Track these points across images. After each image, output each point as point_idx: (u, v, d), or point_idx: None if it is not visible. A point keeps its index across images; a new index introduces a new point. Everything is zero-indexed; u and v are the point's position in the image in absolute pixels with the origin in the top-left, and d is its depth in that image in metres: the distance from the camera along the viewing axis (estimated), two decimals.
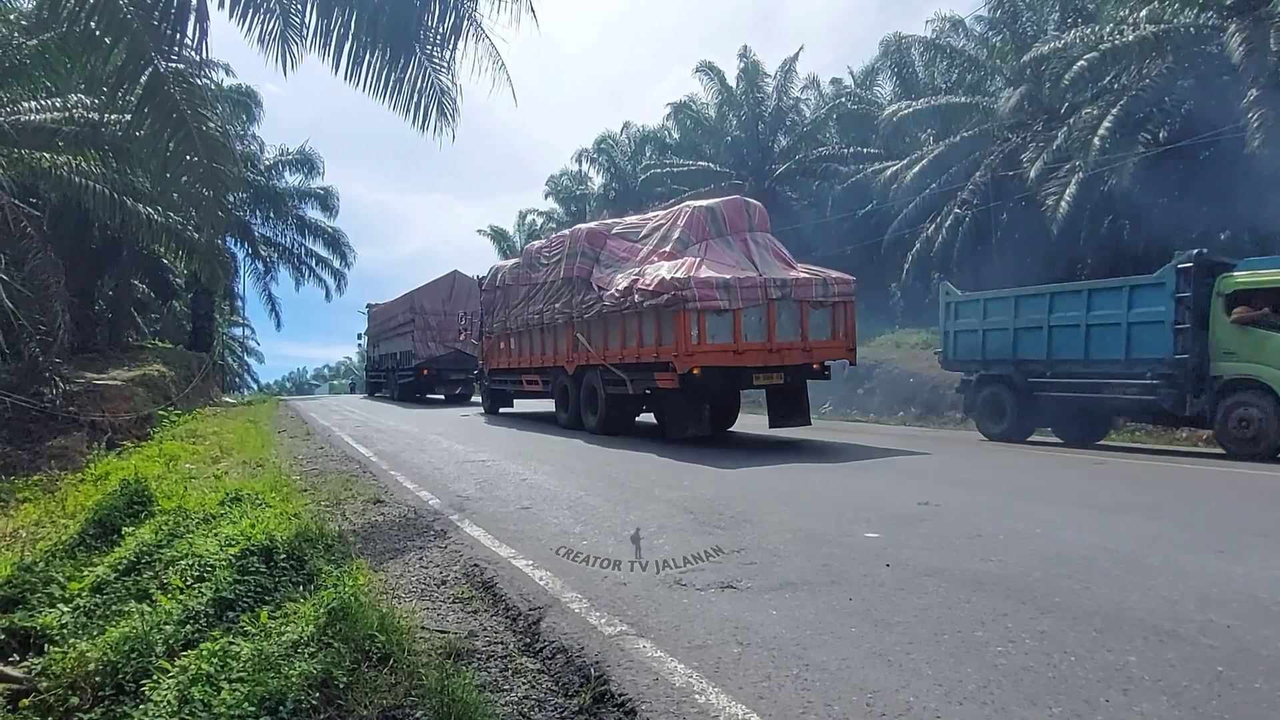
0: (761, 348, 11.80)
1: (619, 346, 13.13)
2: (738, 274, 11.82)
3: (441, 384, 27.87)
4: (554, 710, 3.28)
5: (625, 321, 12.88)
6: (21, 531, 7.99)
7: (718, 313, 11.48)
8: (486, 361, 20.15)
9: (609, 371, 13.39)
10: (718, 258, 12.25)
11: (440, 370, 27.32)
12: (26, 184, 14.38)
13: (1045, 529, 5.93)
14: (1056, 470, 9.67)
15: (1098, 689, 3.13)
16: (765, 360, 11.84)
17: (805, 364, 12.23)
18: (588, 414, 14.31)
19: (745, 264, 12.30)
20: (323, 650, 3.62)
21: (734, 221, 12.93)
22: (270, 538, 5.23)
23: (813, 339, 12.18)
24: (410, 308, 28.10)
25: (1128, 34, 18.57)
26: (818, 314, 12.27)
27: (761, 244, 12.90)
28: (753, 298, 11.68)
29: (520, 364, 17.39)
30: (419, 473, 9.70)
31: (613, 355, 13.28)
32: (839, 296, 12.41)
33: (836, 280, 12.48)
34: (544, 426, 15.66)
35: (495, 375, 19.55)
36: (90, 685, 4.15)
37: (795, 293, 12.00)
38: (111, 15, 7.37)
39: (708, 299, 11.34)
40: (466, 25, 7.78)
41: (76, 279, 18.99)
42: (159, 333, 32.65)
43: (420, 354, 27.25)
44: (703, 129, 35.04)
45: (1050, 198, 19.43)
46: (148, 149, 9.30)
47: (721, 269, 11.88)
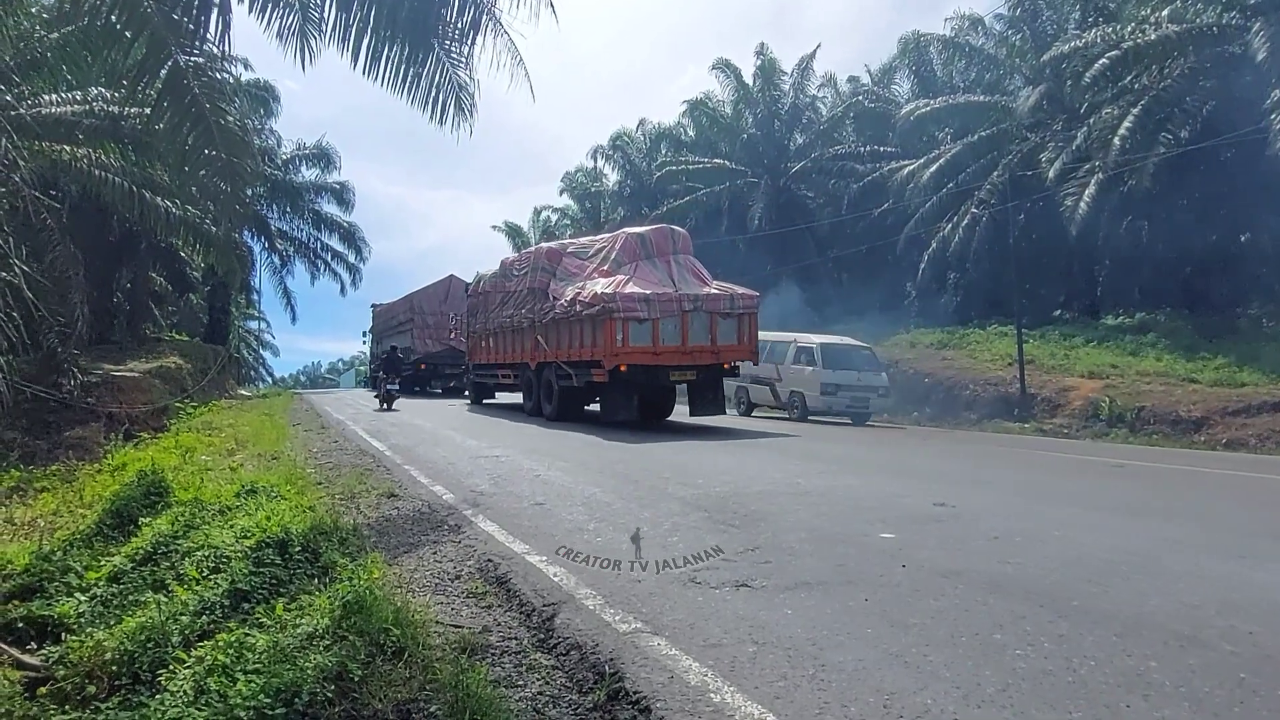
0: (676, 350, 14.23)
1: (567, 347, 15.48)
2: (658, 290, 14.35)
3: (437, 378, 29.93)
4: (568, 707, 3.27)
5: (571, 326, 15.27)
6: (40, 520, 8.06)
7: (639, 321, 13.90)
8: (471, 357, 22.51)
9: (560, 368, 15.77)
10: (644, 276, 14.78)
11: (436, 365, 29.38)
12: (47, 176, 14.48)
13: (1064, 531, 5.88)
14: (1074, 472, 9.59)
15: (1119, 694, 3.09)
16: (680, 360, 14.31)
17: (715, 364, 14.69)
18: (545, 403, 16.60)
19: (666, 281, 14.82)
20: (338, 643, 3.62)
21: (660, 246, 15.57)
22: (285, 530, 5.24)
23: (721, 343, 14.58)
24: (410, 308, 30.23)
25: (1149, 33, 18.40)
26: (726, 323, 14.63)
27: (682, 264, 15.46)
28: (669, 309, 14.14)
29: (496, 360, 19.78)
30: (433, 467, 9.72)
31: (563, 354, 15.64)
32: (743, 309, 14.79)
33: (742, 295, 14.92)
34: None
35: (478, 370, 21.81)
36: (107, 674, 4.17)
37: (706, 305, 14.44)
38: (132, 9, 7.41)
39: (630, 310, 13.79)
40: (485, 20, 7.78)
41: (95, 271, 19.12)
42: (176, 325, 32.91)
43: (419, 350, 29.17)
44: (719, 126, 34.98)
45: (1069, 198, 19.29)
46: (167, 142, 9.34)
47: (645, 286, 14.40)
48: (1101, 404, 16.04)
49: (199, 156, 8.48)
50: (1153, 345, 18.53)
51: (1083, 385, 17.27)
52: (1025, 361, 18.16)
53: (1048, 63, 21.58)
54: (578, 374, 15.19)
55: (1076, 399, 16.87)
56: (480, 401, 22.17)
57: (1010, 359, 19.02)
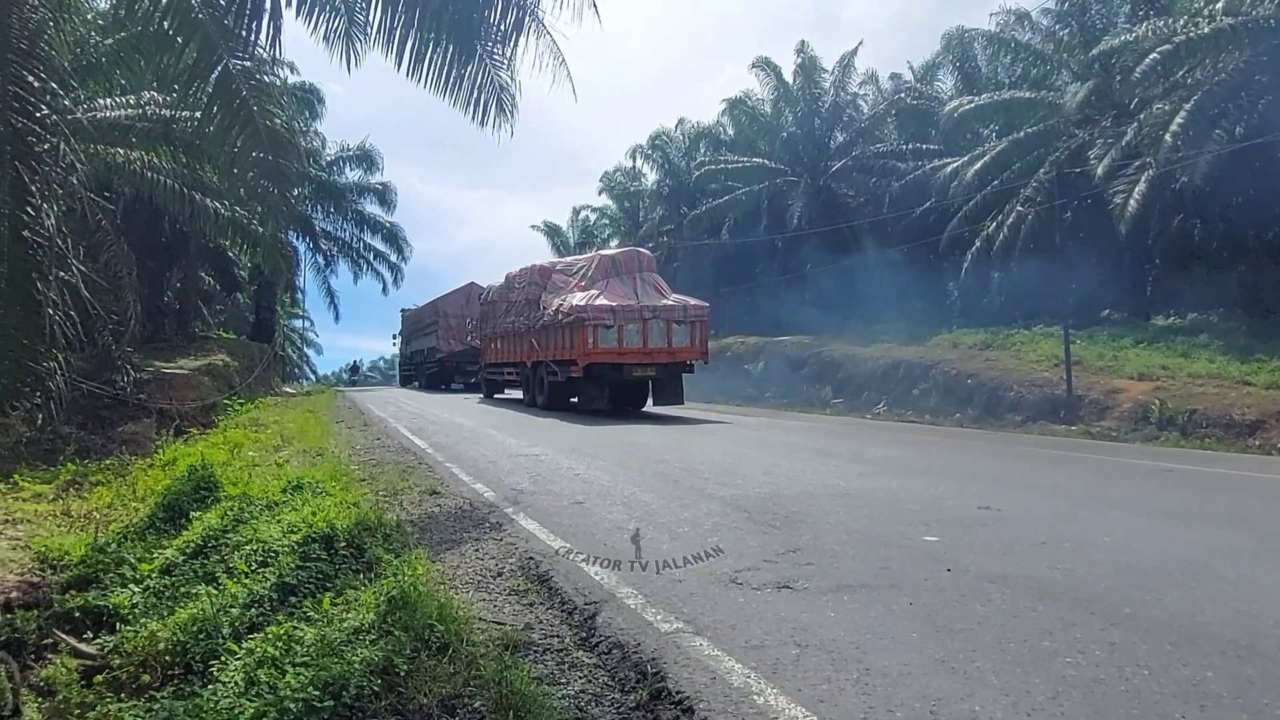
0: (638, 351, 17.35)
1: (554, 348, 18.62)
2: (623, 302, 17.47)
3: (460, 374, 32.96)
4: (611, 705, 3.28)
5: (556, 331, 18.40)
6: (95, 513, 8.27)
7: (606, 327, 17.04)
8: (483, 358, 26.30)
9: (550, 365, 19.05)
10: (613, 290, 17.91)
11: (459, 363, 32.52)
12: (102, 179, 14.86)
13: (1114, 536, 5.75)
14: (1123, 476, 9.38)
15: (1173, 704, 3.02)
16: (641, 359, 17.42)
17: (671, 362, 17.78)
18: (539, 395, 20.04)
19: (631, 295, 17.86)
20: (383, 638, 3.67)
21: (628, 265, 18.79)
22: (331, 525, 5.33)
23: (675, 345, 17.66)
24: (435, 312, 33.95)
25: (1203, 26, 17.89)
26: (680, 329, 17.72)
27: (646, 280, 18.62)
28: (632, 317, 17.26)
29: (503, 360, 23.39)
30: (474, 465, 9.81)
31: (550, 354, 18.90)
32: (695, 317, 17.97)
33: (694, 306, 18.12)
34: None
35: (489, 368, 25.59)
36: (160, 664, 4.28)
37: (663, 314, 17.55)
38: (184, 15, 7.59)
39: (598, 319, 16.99)
40: (528, 21, 7.83)
41: (147, 271, 19.61)
42: (223, 324, 33.60)
43: (443, 349, 32.80)
44: (758, 125, 34.77)
45: (1118, 195, 18.81)
46: (216, 145, 9.56)
47: (613, 298, 17.52)
48: (1151, 407, 15.60)
49: (247, 158, 8.65)
50: (1205, 347, 17.97)
51: (1132, 387, 16.81)
52: (1072, 363, 17.77)
53: (1096, 57, 21.08)
54: (561, 371, 18.48)
55: (1125, 401, 16.44)
56: (492, 395, 25.96)
57: (1056, 360, 18.59)
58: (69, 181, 11.65)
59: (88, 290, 11.70)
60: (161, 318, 23.44)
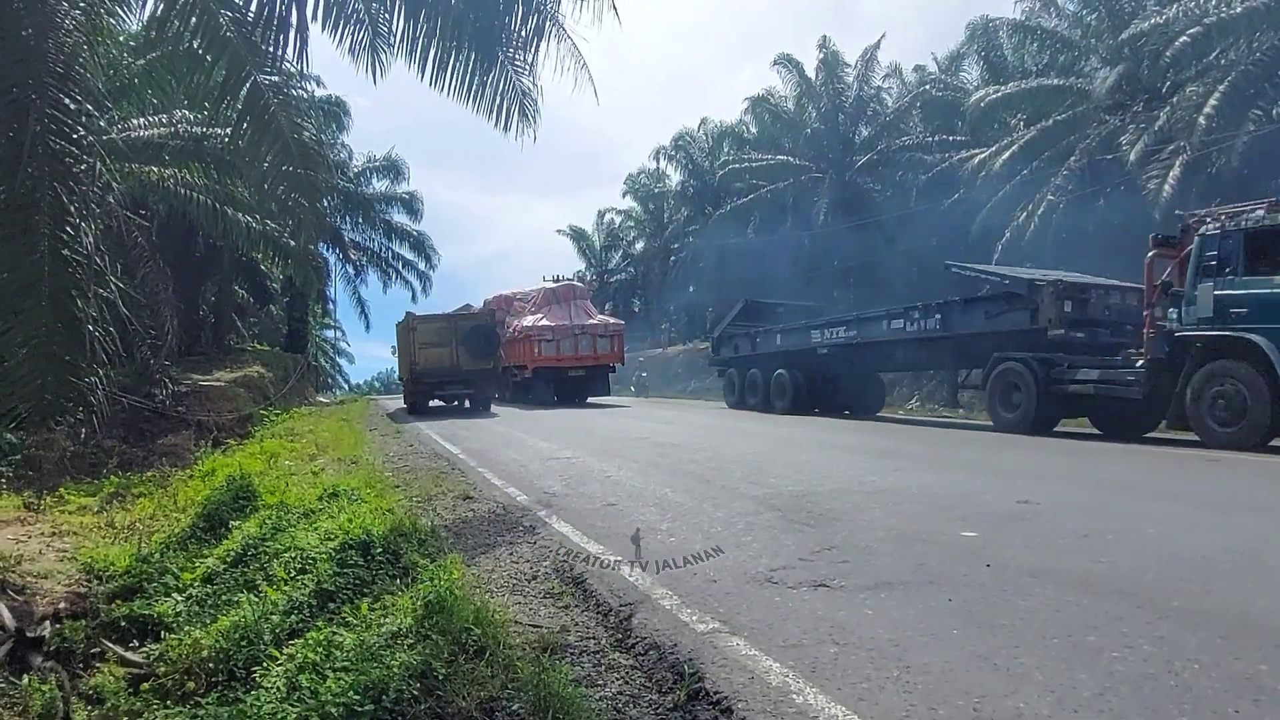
0: (572, 358, 25.09)
1: (514, 357, 25.63)
2: (561, 322, 25.37)
3: None
4: (649, 706, 3.27)
5: (515, 345, 25.78)
6: (138, 524, 8.43)
7: (546, 341, 24.92)
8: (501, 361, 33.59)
9: (512, 370, 25.69)
10: (553, 314, 25.92)
11: None
12: (137, 197, 15.14)
13: (1158, 528, 5.63)
14: (1163, 467, 9.19)
15: (1226, 699, 2.94)
16: (573, 364, 25.06)
17: (596, 365, 25.54)
18: (505, 392, 26.52)
19: (566, 316, 25.74)
20: (421, 642, 3.69)
21: (565, 295, 27.12)
22: (367, 532, 5.38)
23: (599, 353, 25.61)
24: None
25: (1236, 6, 17.50)
26: (602, 340, 25.72)
27: (579, 306, 26.77)
28: (566, 333, 25.10)
29: None
30: (506, 470, 9.85)
31: (512, 361, 25.57)
32: (614, 331, 26.24)
33: (613, 324, 26.84)
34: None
35: None
36: (204, 671, 4.35)
37: (590, 330, 25.56)
38: (213, 34, 7.69)
39: (541, 336, 24.91)
40: (549, 26, 7.83)
41: (182, 285, 19.95)
42: (257, 335, 34.12)
43: None
44: (781, 122, 34.60)
45: (1152, 181, 18.43)
46: (247, 159, 9.68)
47: (553, 319, 25.52)
48: None
49: (277, 172, 8.74)
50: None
51: None
52: None
53: (1126, 42, 20.66)
54: (519, 373, 25.72)
55: None
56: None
57: None
58: (106, 200, 11.88)
59: (126, 306, 11.89)
60: (197, 331, 23.89)
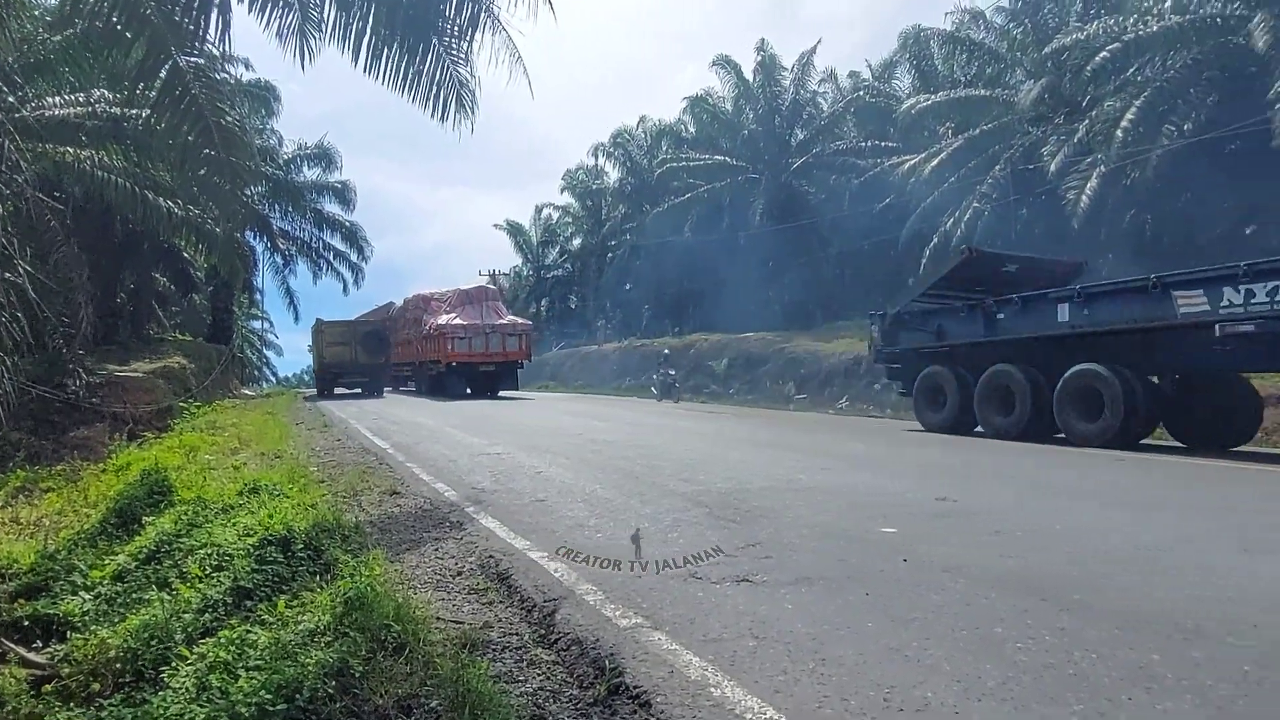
0: (483, 354, 26.44)
1: (431, 353, 27.47)
2: (473, 321, 26.77)
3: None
4: (569, 701, 3.27)
5: (431, 341, 27.36)
6: (45, 520, 8.08)
7: (459, 338, 26.24)
8: (393, 359, 33.72)
9: (428, 365, 27.86)
10: (467, 314, 27.33)
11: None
12: (51, 178, 14.50)
13: (1067, 525, 5.87)
14: (1078, 467, 9.57)
15: (1120, 687, 3.09)
16: (485, 360, 26.43)
17: (505, 361, 26.91)
18: (422, 385, 29.44)
19: (478, 316, 27.20)
20: (339, 639, 3.63)
21: (478, 296, 28.71)
22: (288, 528, 5.25)
23: (508, 350, 26.98)
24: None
25: (1152, 24, 18.34)
26: (511, 338, 27.06)
27: (491, 306, 28.35)
28: (478, 331, 26.45)
29: (401, 360, 32.49)
30: (435, 465, 9.73)
31: (429, 356, 27.77)
32: (521, 330, 27.56)
33: (521, 323, 28.18)
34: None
35: (395, 366, 33.55)
36: (111, 672, 4.19)
37: (500, 329, 26.91)
38: (133, 10, 7.42)
39: (454, 333, 26.23)
40: (484, 17, 7.78)
41: (99, 272, 19.13)
42: (179, 325, 32.89)
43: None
44: (719, 123, 34.93)
45: (1071, 191, 19.21)
46: (167, 142, 9.38)
47: (466, 318, 26.97)
48: None
49: (199, 156, 8.50)
50: None
51: None
52: None
53: (1049, 56, 21.48)
54: (433, 369, 27.41)
55: None
56: (398, 389, 34.23)
57: None
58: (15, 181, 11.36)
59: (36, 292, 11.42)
60: (115, 320, 22.90)
